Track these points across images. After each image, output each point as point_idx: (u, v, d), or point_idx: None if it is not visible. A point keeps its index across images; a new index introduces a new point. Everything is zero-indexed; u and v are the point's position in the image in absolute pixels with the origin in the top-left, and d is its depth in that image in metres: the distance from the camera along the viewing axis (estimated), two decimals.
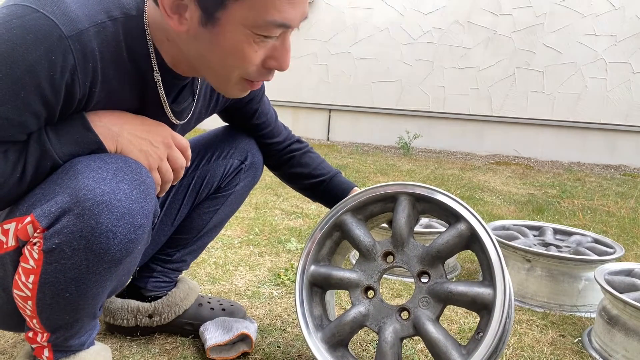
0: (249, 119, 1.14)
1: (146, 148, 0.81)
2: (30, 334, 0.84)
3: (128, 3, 0.75)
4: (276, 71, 0.80)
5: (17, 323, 0.85)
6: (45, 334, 0.82)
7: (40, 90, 0.68)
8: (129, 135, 0.79)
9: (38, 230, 0.72)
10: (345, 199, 1.07)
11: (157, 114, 0.86)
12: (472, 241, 0.94)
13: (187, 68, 0.82)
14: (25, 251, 0.74)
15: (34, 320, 0.80)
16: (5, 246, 0.76)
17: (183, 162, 0.86)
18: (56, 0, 0.67)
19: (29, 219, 0.72)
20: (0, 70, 0.65)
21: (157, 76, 0.80)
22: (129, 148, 0.79)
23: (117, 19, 0.73)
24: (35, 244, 0.72)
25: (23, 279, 0.75)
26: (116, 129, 0.78)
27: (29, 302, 0.77)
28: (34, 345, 0.85)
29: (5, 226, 0.76)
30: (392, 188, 1.02)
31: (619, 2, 4.28)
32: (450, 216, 0.97)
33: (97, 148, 0.76)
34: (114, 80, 0.76)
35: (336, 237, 1.08)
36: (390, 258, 1.01)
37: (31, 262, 0.73)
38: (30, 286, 0.75)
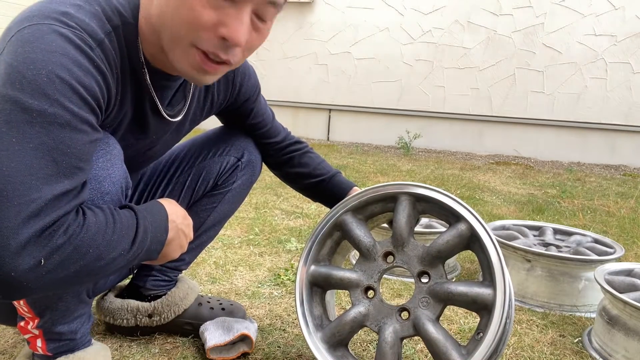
0: (245, 119, 1.14)
1: (182, 243, 0.88)
2: (22, 323, 0.86)
3: (122, 5, 0.77)
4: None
5: (10, 314, 0.87)
6: (35, 320, 0.84)
7: (86, 101, 0.68)
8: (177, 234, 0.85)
9: None
10: (346, 199, 1.07)
11: (154, 116, 0.88)
12: (472, 241, 0.94)
13: (162, 54, 0.80)
14: None
15: (21, 302, 0.82)
16: None
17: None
18: (71, 15, 0.69)
19: None
20: (50, 95, 0.64)
21: (146, 74, 0.82)
22: (173, 246, 0.86)
23: (118, 26, 0.75)
24: None
25: None
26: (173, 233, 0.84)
27: None
28: (26, 336, 0.87)
29: None
30: (392, 188, 1.02)
31: (619, 2, 4.28)
32: (451, 216, 0.97)
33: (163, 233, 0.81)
34: (122, 85, 0.79)
35: (336, 237, 1.08)
36: (390, 258, 1.01)
37: None
38: None
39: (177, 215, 0.85)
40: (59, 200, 0.63)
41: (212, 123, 1.11)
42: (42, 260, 0.61)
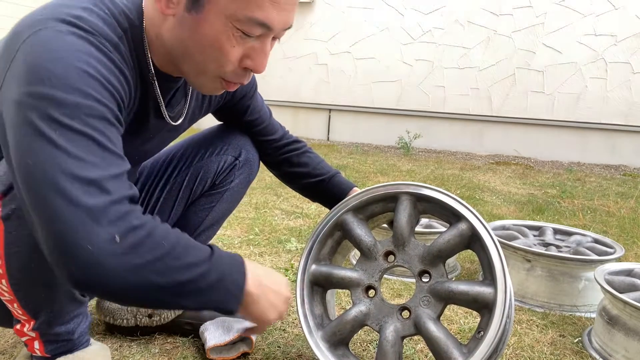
0: (241, 116, 1.14)
1: (275, 303, 0.83)
2: (18, 326, 0.85)
3: (128, 8, 0.77)
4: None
5: (5, 317, 0.86)
6: (30, 322, 0.83)
7: (115, 98, 0.69)
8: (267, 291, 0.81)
9: None
10: (347, 199, 1.07)
11: (156, 116, 0.89)
12: (473, 241, 0.94)
13: (172, 65, 0.82)
14: None
15: (15, 305, 0.81)
16: None
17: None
18: (84, 19, 0.68)
19: None
20: (83, 89, 0.63)
21: (153, 76, 0.82)
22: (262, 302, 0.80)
23: (127, 29, 0.76)
24: None
25: None
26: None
27: (3, 281, 0.77)
28: (24, 339, 0.86)
29: None
30: (393, 188, 1.02)
31: (619, 2, 4.28)
32: (451, 216, 0.97)
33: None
34: (134, 87, 0.79)
35: (337, 237, 1.08)
36: (391, 257, 1.01)
37: None
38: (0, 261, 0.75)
39: (256, 267, 0.80)
40: (119, 180, 0.62)
41: (210, 122, 1.11)
42: (117, 238, 0.59)
